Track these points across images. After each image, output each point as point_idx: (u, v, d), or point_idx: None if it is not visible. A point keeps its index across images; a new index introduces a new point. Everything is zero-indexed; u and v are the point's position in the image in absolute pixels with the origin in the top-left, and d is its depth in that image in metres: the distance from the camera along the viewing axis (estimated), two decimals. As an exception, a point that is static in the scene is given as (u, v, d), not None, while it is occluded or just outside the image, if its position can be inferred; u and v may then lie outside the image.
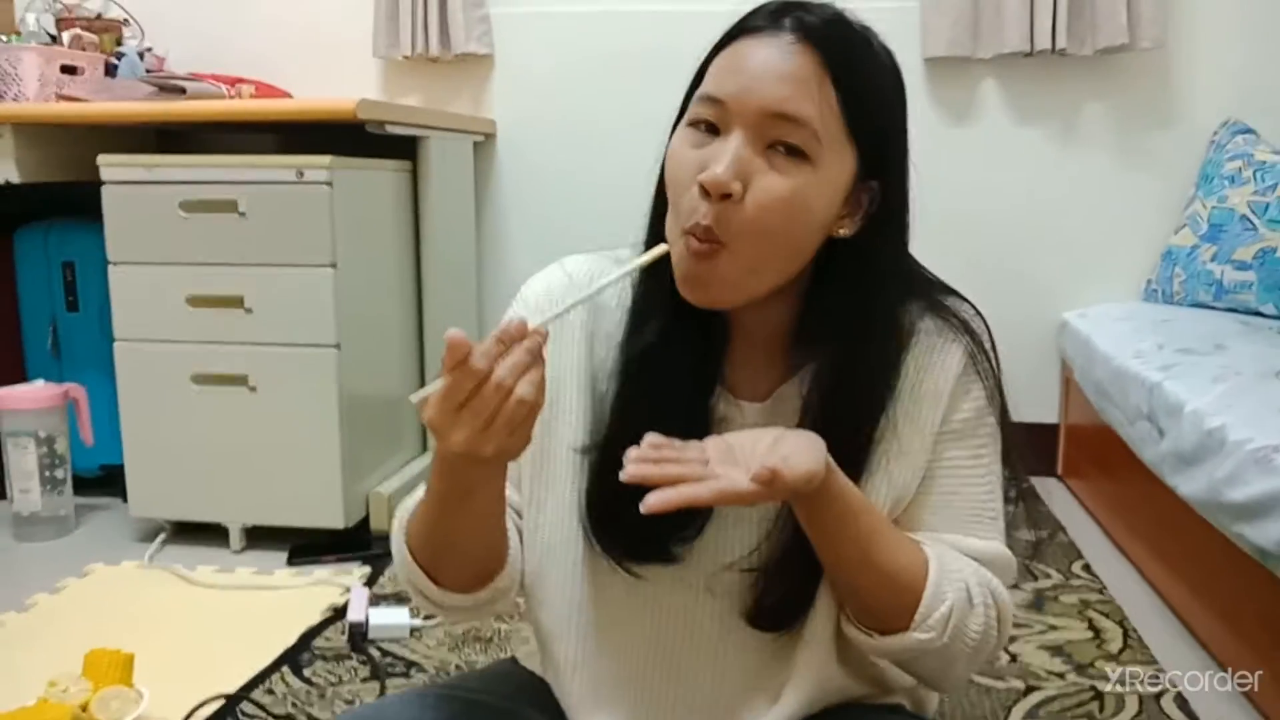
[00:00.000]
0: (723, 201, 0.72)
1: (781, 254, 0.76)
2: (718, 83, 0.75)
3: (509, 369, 0.66)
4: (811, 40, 0.73)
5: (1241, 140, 2.47)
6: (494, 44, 2.75)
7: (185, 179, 2.07)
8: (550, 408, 0.83)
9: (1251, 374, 1.76)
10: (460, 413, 0.66)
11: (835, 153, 0.74)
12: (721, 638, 0.84)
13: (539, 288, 0.88)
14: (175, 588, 1.99)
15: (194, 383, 2.11)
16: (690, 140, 0.76)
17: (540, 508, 0.86)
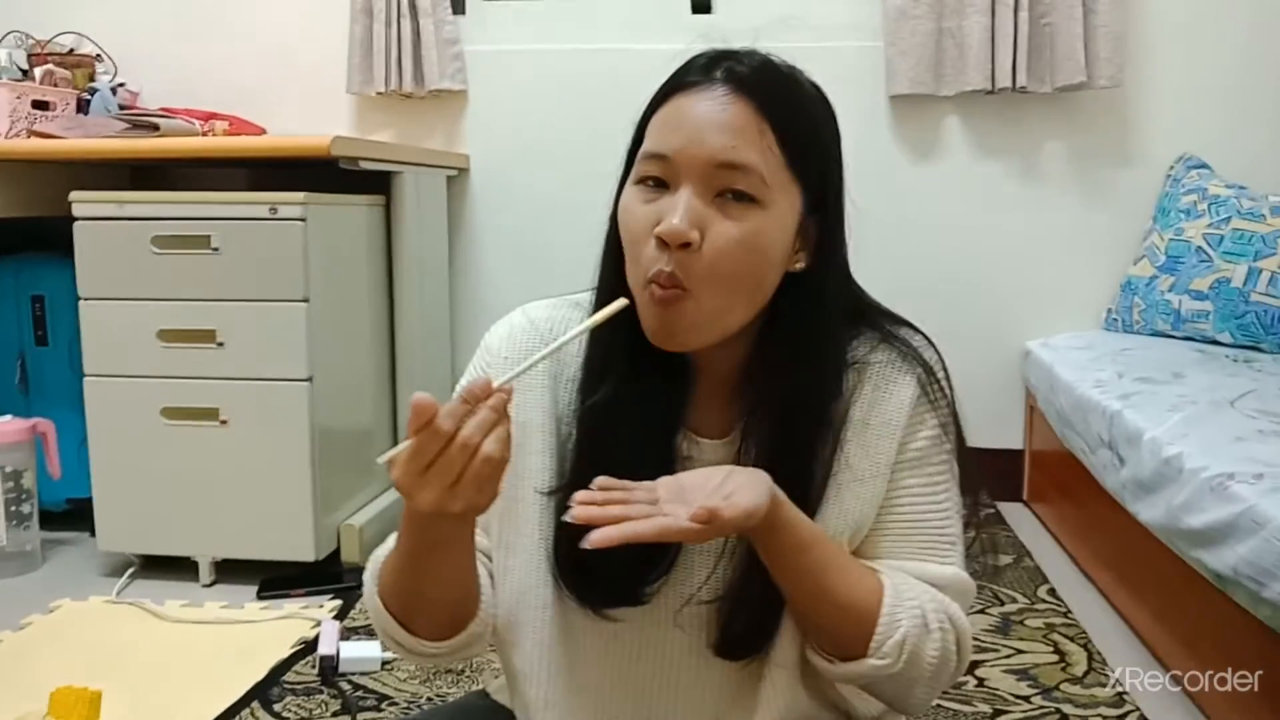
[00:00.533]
0: (681, 250, 0.74)
1: (744, 294, 0.78)
2: (661, 139, 0.77)
3: (475, 427, 0.67)
4: (745, 90, 0.76)
5: (1196, 175, 2.54)
6: (467, 80, 2.79)
7: (157, 215, 2.08)
8: (516, 452, 0.84)
9: (1207, 403, 1.81)
10: (427, 473, 0.67)
11: (781, 192, 0.77)
12: (690, 671, 0.85)
13: (501, 333, 0.89)
14: (143, 622, 1.98)
15: (164, 417, 2.11)
16: (641, 197, 0.78)
17: (509, 551, 0.87)
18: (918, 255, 2.67)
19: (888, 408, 0.83)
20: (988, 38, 2.52)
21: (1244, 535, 1.36)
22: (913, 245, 2.67)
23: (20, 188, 2.26)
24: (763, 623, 0.83)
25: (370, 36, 2.71)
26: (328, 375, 2.14)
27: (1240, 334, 2.35)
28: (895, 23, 2.57)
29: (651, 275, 0.76)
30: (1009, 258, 2.69)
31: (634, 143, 0.81)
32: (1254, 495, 1.38)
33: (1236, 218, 2.40)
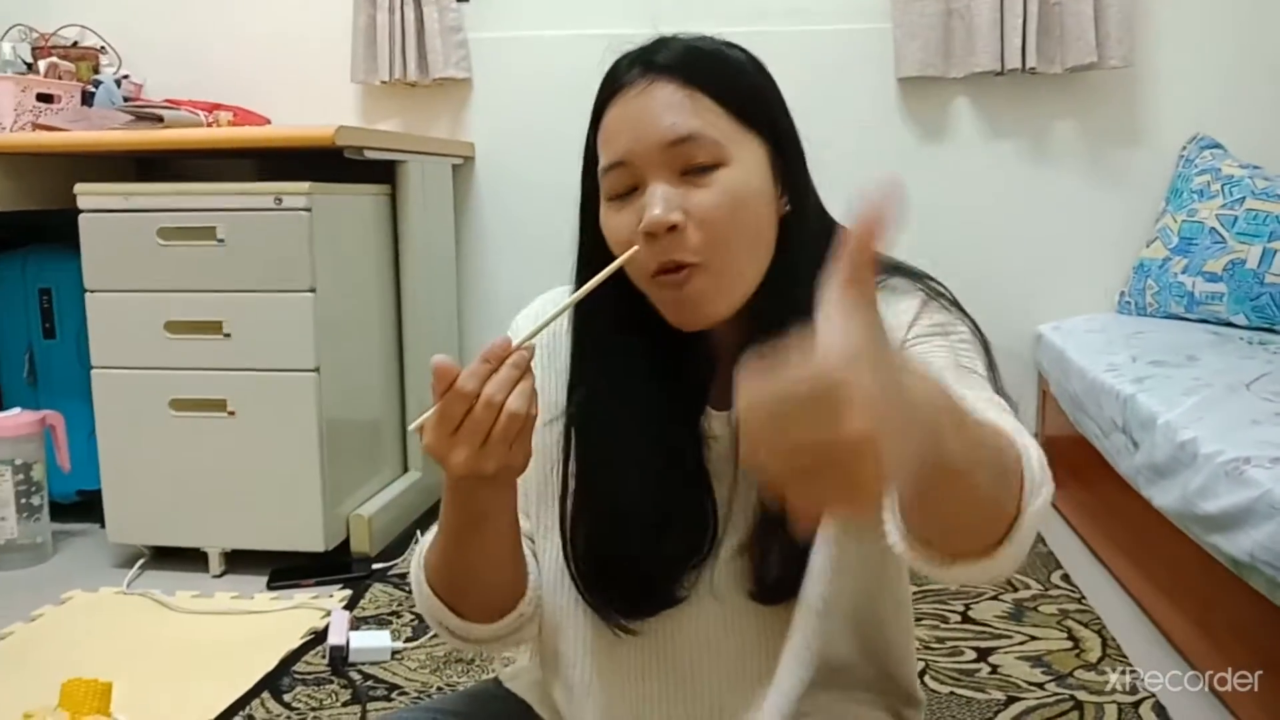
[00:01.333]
0: (671, 234, 0.75)
1: (746, 249, 0.78)
2: (611, 150, 0.79)
3: (498, 385, 0.68)
4: (666, 72, 0.77)
5: (1209, 155, 2.51)
6: (472, 68, 2.77)
7: (163, 207, 2.07)
8: (548, 431, 0.85)
9: (1222, 386, 1.79)
10: (456, 435, 0.68)
11: (740, 145, 0.78)
12: (723, 638, 0.84)
13: (525, 314, 0.90)
14: (154, 614, 1.98)
15: (172, 408, 2.11)
16: (616, 209, 0.79)
17: (548, 533, 0.87)
18: (927, 239, 2.62)
19: (890, 323, 0.76)
20: (996, 18, 2.49)
21: (1261, 520, 1.35)
22: (922, 228, 2.64)
23: (25, 181, 2.26)
24: (792, 558, 0.78)
25: (374, 25, 2.69)
26: (335, 365, 2.13)
27: (1255, 316, 2.33)
28: (903, 4, 2.54)
29: (655, 269, 0.76)
30: (1020, 240, 2.67)
31: (587, 163, 0.83)
32: (1270, 480, 1.36)
33: (1251, 198, 2.37)
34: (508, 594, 0.83)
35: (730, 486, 0.83)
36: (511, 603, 0.83)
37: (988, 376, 0.77)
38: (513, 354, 0.69)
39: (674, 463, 0.81)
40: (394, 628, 1.86)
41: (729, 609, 0.83)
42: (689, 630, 0.84)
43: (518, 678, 0.96)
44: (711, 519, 0.82)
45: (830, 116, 2.61)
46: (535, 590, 0.86)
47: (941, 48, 2.55)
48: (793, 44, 2.55)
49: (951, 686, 1.62)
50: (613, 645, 0.85)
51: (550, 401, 0.85)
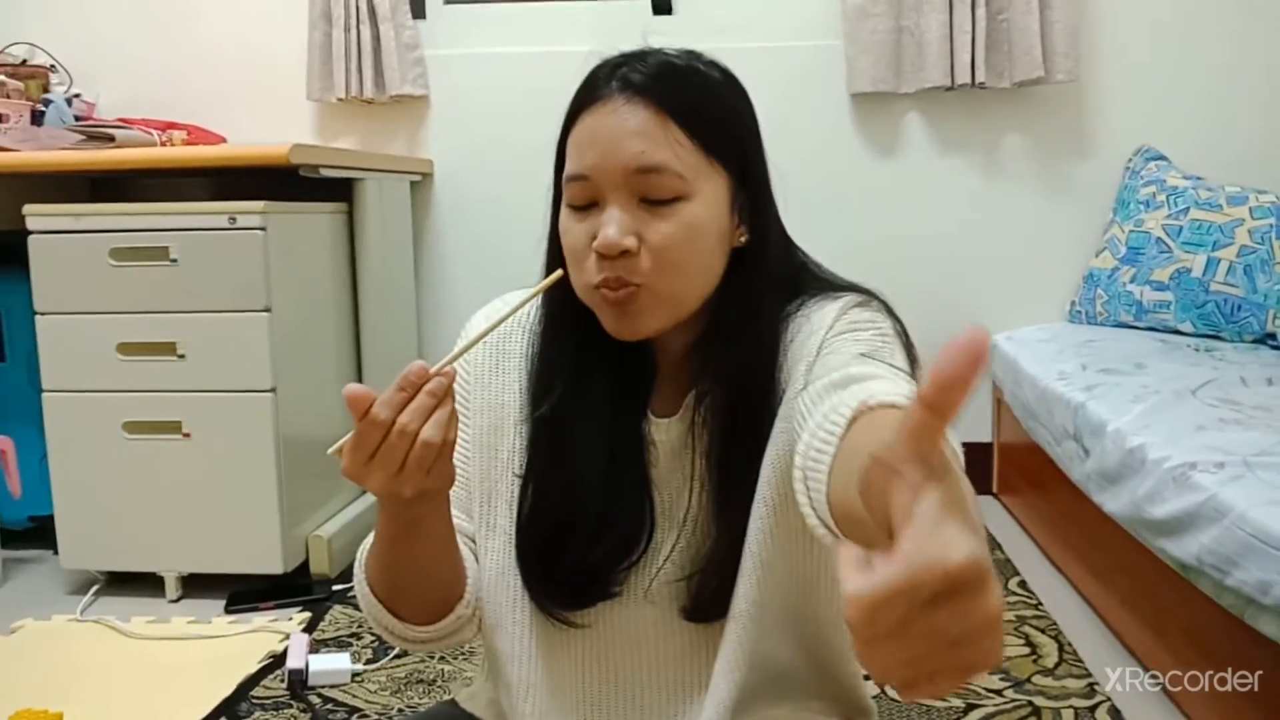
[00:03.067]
0: (623, 257, 0.77)
1: (694, 280, 0.80)
2: (578, 161, 0.79)
3: (411, 414, 0.69)
4: (642, 92, 0.78)
5: (1154, 166, 2.57)
6: (429, 85, 2.77)
7: (114, 227, 2.05)
8: (495, 434, 0.88)
9: (1169, 393, 1.82)
10: (371, 462, 0.69)
11: (704, 179, 0.79)
12: (663, 640, 0.86)
13: (479, 319, 0.90)
14: (108, 640, 1.95)
15: (126, 431, 2.08)
16: (575, 217, 0.81)
17: (490, 532, 0.88)
18: (881, 252, 2.68)
19: (812, 325, 0.81)
20: (946, 34, 2.53)
21: (1206, 524, 1.37)
22: (876, 242, 2.68)
23: (-27, 201, 2.22)
24: (725, 583, 0.82)
25: (329, 43, 2.68)
26: (292, 385, 2.12)
27: (1201, 323, 2.38)
28: (855, 21, 2.58)
29: (599, 281, 0.78)
30: (972, 252, 2.71)
31: (557, 165, 0.84)
32: (1215, 484, 1.39)
33: (1194, 208, 2.43)
34: (445, 596, 0.85)
35: (671, 493, 0.85)
36: (449, 604, 0.85)
37: (907, 371, 0.76)
38: (429, 381, 0.69)
39: (617, 463, 0.83)
40: (354, 649, 1.84)
41: (665, 615, 0.85)
42: (628, 632, 0.86)
43: (475, 698, 0.97)
44: (648, 520, 0.84)
45: (784, 132, 2.60)
46: (474, 591, 0.87)
47: (893, 64, 2.59)
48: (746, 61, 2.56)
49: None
50: (552, 643, 0.87)
51: (496, 403, 0.89)
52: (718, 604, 0.83)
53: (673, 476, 0.85)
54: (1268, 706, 1.34)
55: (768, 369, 0.81)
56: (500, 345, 0.90)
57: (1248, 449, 1.48)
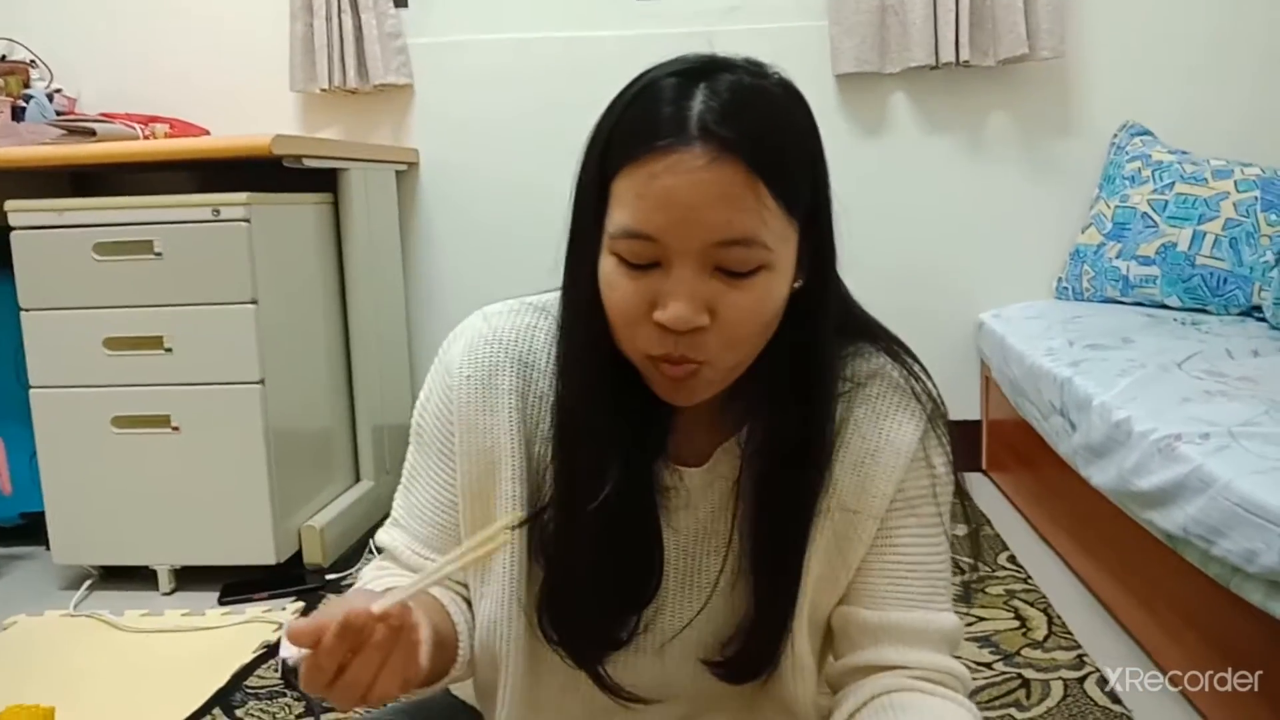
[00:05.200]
0: (690, 334, 0.68)
1: (761, 343, 0.73)
2: (642, 218, 0.67)
3: (360, 667, 0.64)
4: (728, 147, 0.66)
5: (1139, 142, 2.57)
6: (413, 74, 2.76)
7: (97, 222, 2.04)
8: (488, 479, 0.81)
9: (1155, 366, 1.83)
10: (332, 689, 0.65)
11: (783, 242, 0.70)
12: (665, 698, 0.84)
13: (460, 349, 0.82)
14: (102, 635, 1.95)
15: (115, 426, 2.07)
16: (625, 272, 0.69)
17: (483, 579, 0.83)
18: (869, 232, 2.68)
19: (888, 443, 0.79)
20: (930, 13, 2.53)
21: (1192, 495, 1.38)
22: (863, 222, 2.65)
23: (-45, 199, 2.20)
24: (770, 648, 0.81)
25: (311, 33, 2.67)
26: (281, 377, 2.11)
27: (1188, 297, 2.39)
28: (839, 2, 2.57)
29: (660, 355, 0.70)
30: (960, 231, 2.71)
31: (596, 194, 0.71)
32: (1200, 455, 1.40)
33: (1180, 182, 2.44)
34: (439, 671, 0.81)
35: (688, 544, 0.82)
36: (444, 671, 0.82)
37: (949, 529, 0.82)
38: (375, 633, 0.63)
39: (625, 508, 0.77)
40: (348, 638, 1.84)
41: (668, 670, 0.83)
42: (626, 680, 0.83)
43: (465, 685, 0.95)
44: (656, 569, 0.80)
45: (771, 113, 2.62)
46: (465, 651, 0.83)
47: (877, 43, 2.59)
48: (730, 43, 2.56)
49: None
50: (539, 699, 0.84)
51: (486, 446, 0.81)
52: (757, 665, 0.81)
53: (691, 527, 0.81)
54: (1250, 669, 1.35)
55: (820, 433, 0.76)
56: (488, 380, 0.80)
57: (1233, 420, 1.48)
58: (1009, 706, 1.52)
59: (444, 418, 0.83)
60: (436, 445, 0.84)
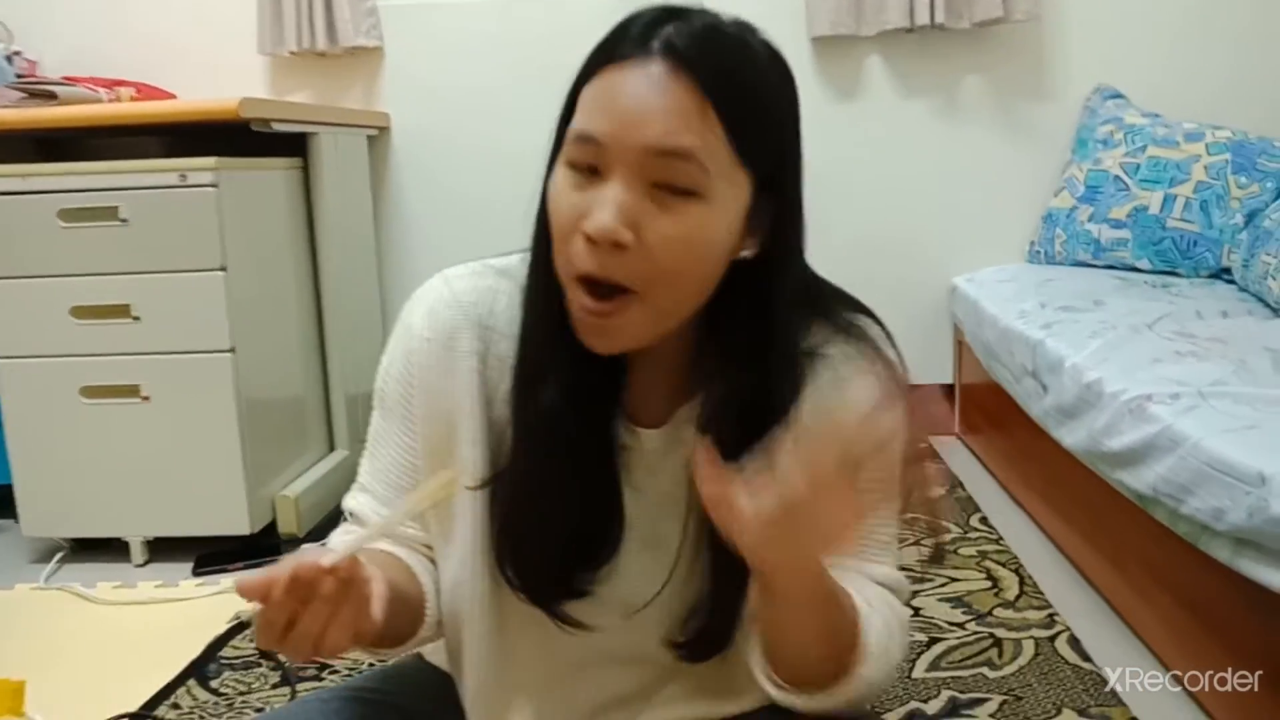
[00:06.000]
0: (614, 250, 0.68)
1: (690, 292, 0.72)
2: (591, 120, 0.69)
3: (311, 619, 0.64)
4: (685, 65, 0.67)
5: (1112, 105, 2.57)
6: (383, 36, 2.71)
7: (62, 188, 2.00)
8: (446, 443, 0.81)
9: (1125, 328, 1.84)
10: (284, 642, 0.65)
11: (725, 180, 0.69)
12: (633, 662, 0.84)
13: (422, 311, 0.82)
14: (73, 608, 1.93)
15: (84, 396, 2.05)
16: (571, 181, 0.70)
17: (447, 540, 0.84)
18: (843, 196, 2.68)
19: (844, 410, 0.77)
20: (905, -25, 2.51)
21: (1161, 454, 1.39)
22: (838, 186, 2.67)
23: (-87, 165, 2.15)
24: (726, 626, 0.81)
25: (278, -7, 2.62)
26: (252, 345, 2.09)
27: (1158, 260, 2.40)
28: (814, -37, 2.55)
29: (583, 273, 0.70)
30: (933, 195, 2.71)
31: (564, 115, 0.73)
32: (1170, 415, 1.41)
33: (1152, 145, 2.44)
34: (406, 631, 0.83)
35: (650, 507, 0.81)
36: (412, 632, 0.83)
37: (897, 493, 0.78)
38: (324, 585, 0.63)
39: (585, 463, 0.77)
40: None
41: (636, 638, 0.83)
42: (590, 649, 0.83)
43: (438, 651, 0.95)
44: (616, 526, 0.80)
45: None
46: (433, 612, 0.84)
47: (853, 6, 2.57)
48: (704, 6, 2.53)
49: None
50: (508, 659, 0.84)
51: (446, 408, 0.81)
52: (713, 647, 0.81)
53: (654, 490, 0.80)
54: (1219, 627, 1.38)
55: (780, 403, 0.75)
56: (448, 342, 0.81)
57: (1202, 380, 1.49)
58: (981, 665, 1.54)
59: (405, 381, 0.83)
60: (399, 409, 0.84)
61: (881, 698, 1.46)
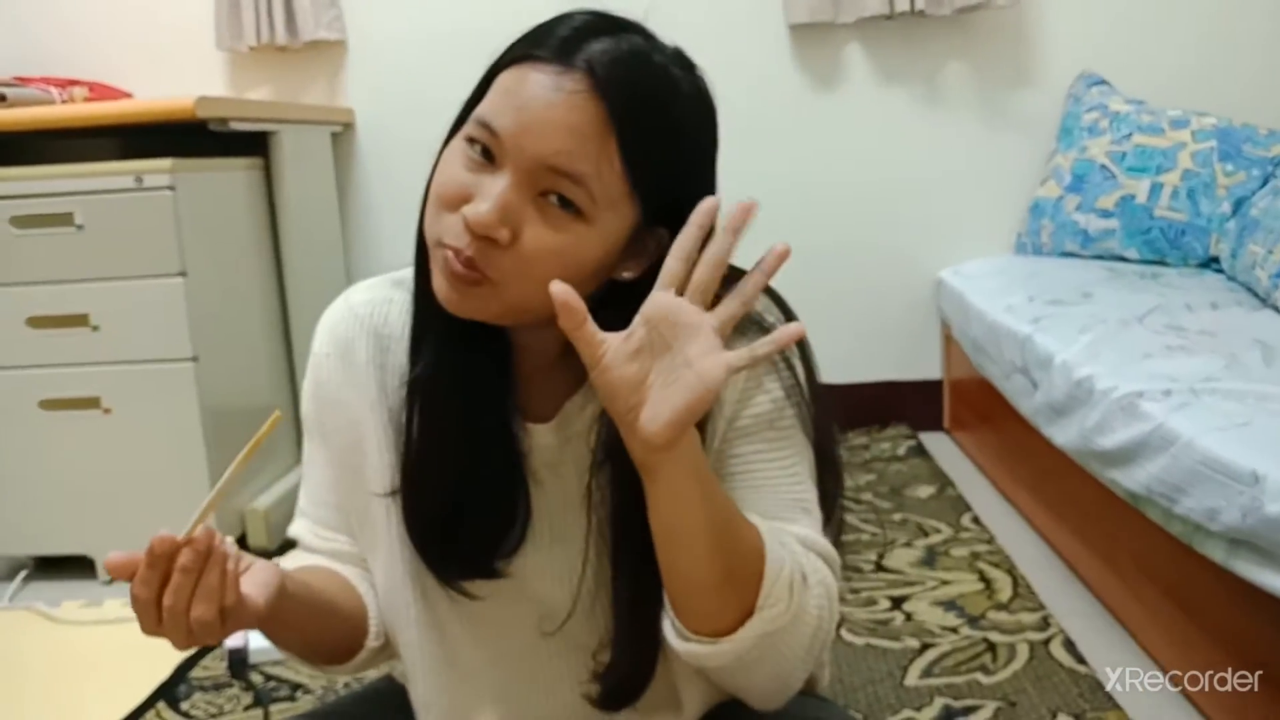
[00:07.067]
0: (486, 242, 0.68)
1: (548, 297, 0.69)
2: (496, 110, 0.69)
3: (173, 594, 0.64)
4: (600, 88, 0.67)
5: (1097, 92, 2.53)
6: (345, 29, 2.64)
7: (13, 193, 1.94)
8: (355, 453, 0.83)
9: (1115, 321, 1.81)
10: (160, 626, 0.65)
11: (613, 210, 0.69)
12: (559, 658, 0.82)
13: (324, 327, 0.86)
14: (38, 628, 1.87)
15: (43, 409, 1.99)
16: (463, 158, 0.70)
17: (373, 554, 0.85)
18: (824, 190, 2.63)
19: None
20: (885, -40, 2.46)
21: (1154, 453, 1.37)
22: (818, 179, 2.62)
23: None
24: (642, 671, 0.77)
25: (237, -14, 2.54)
26: (215, 352, 2.03)
27: (1146, 249, 2.37)
28: (791, -51, 2.50)
29: (450, 244, 0.69)
30: (916, 187, 2.66)
31: (475, 93, 0.73)
32: (1162, 413, 1.39)
33: (1138, 133, 2.40)
34: (347, 642, 0.83)
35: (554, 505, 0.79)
36: (356, 646, 0.84)
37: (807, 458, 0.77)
38: (181, 557, 0.63)
39: (484, 452, 0.77)
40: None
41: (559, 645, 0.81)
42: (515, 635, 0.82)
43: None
44: (518, 520, 0.78)
45: (721, 67, 2.53)
46: (378, 624, 0.85)
47: (831, -8, 2.51)
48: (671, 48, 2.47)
49: (866, 638, 1.61)
50: (444, 661, 0.84)
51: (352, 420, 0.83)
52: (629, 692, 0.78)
53: (559, 489, 0.79)
54: (1216, 627, 1.35)
55: None
56: (346, 354, 0.82)
57: (1194, 376, 1.47)
58: (975, 671, 1.51)
59: (314, 399, 0.86)
60: (316, 430, 0.86)
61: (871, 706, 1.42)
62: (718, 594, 0.69)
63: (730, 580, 0.69)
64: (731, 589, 0.69)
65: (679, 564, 0.69)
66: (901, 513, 2.13)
